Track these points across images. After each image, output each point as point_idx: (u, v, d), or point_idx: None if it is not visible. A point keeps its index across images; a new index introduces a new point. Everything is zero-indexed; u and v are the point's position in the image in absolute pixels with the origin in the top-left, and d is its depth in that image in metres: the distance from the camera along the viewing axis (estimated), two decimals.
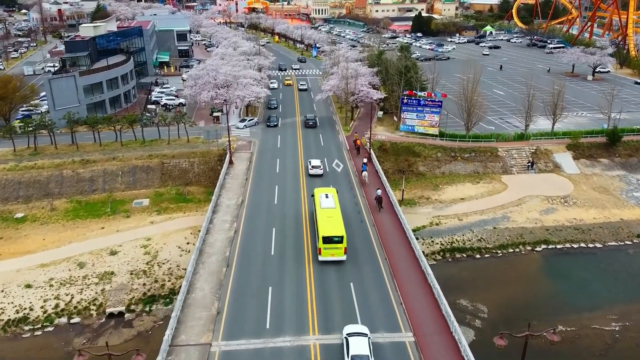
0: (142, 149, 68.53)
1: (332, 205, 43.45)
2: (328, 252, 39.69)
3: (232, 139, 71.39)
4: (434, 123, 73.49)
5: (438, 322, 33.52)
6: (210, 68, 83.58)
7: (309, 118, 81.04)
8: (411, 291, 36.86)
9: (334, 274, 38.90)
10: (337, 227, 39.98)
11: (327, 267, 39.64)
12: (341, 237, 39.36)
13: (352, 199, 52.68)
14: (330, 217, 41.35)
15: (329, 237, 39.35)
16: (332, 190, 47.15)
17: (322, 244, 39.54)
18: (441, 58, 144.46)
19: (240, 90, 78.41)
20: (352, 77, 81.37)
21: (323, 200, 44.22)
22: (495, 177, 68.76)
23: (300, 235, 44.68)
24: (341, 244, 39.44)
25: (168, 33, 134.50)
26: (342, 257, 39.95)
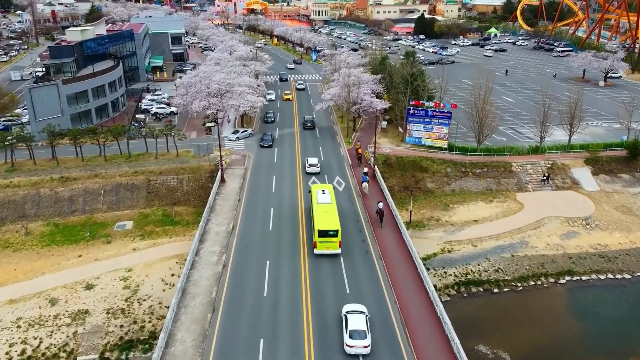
0: (127, 165, 63.28)
1: (328, 200, 44.93)
2: (323, 246, 41.05)
3: (225, 153, 66.26)
4: (443, 135, 68.27)
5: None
6: (203, 75, 78.33)
7: (307, 119, 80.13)
8: (425, 343, 31.65)
9: (334, 323, 33.61)
10: (332, 222, 41.37)
11: (326, 313, 34.37)
12: (336, 231, 40.71)
13: (358, 236, 47.02)
14: (327, 212, 42.71)
15: (325, 230, 40.67)
16: (328, 187, 48.71)
17: (317, 238, 40.88)
18: (445, 62, 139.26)
19: (235, 99, 73.25)
20: (354, 85, 76.25)
21: (320, 195, 45.85)
22: (509, 194, 63.54)
23: (298, 274, 39.35)
24: (336, 237, 40.81)
25: (162, 36, 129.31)
26: (337, 251, 41.22)
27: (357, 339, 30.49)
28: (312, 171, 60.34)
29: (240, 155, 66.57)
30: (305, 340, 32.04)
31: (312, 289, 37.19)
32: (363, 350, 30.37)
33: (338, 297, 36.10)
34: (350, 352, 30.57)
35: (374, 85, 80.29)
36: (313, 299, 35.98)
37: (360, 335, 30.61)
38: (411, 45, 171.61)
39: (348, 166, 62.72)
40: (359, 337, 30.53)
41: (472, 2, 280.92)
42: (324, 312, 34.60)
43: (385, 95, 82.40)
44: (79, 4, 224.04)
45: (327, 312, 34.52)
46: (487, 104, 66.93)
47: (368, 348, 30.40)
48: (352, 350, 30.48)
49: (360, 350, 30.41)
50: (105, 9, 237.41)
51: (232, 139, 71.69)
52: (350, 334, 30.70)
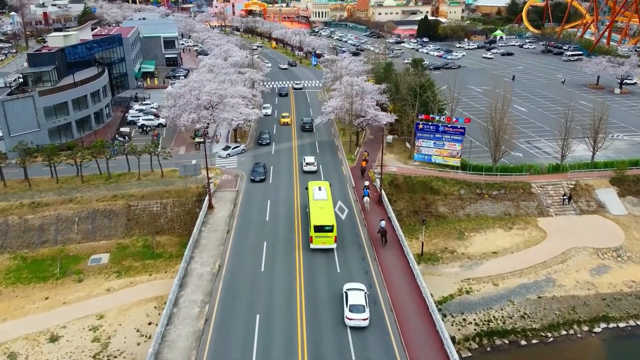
0: (106, 187, 57.08)
1: (324, 197, 46.12)
2: (319, 240, 42.22)
3: (215, 172, 60.10)
4: (456, 153, 62.07)
5: None
6: (193, 85, 72.10)
7: (306, 122, 78.39)
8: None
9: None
10: (328, 217, 42.62)
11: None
12: (332, 226, 41.96)
13: (364, 275, 40.96)
14: (322, 208, 43.91)
15: (321, 225, 41.94)
16: (325, 184, 49.76)
17: (313, 233, 42.05)
18: (451, 66, 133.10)
19: (227, 111, 67.09)
20: (357, 96, 70.12)
21: (316, 192, 47.02)
22: (530, 220, 57.35)
23: (293, 333, 33.14)
24: (331, 232, 41.95)
25: (154, 40, 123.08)
26: (332, 245, 42.38)
27: (356, 312, 32.90)
28: (309, 170, 60.49)
29: (232, 175, 60.34)
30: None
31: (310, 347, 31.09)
32: (362, 322, 33.02)
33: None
34: (350, 324, 33.18)
35: (378, 96, 74.12)
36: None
37: (359, 310, 33.02)
38: (414, 49, 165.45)
39: (351, 188, 56.46)
40: (358, 311, 32.94)
41: (476, 3, 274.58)
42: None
43: (390, 105, 76.26)
44: (72, 6, 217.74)
45: None
46: (504, 117, 60.58)
47: (366, 321, 33.00)
48: (351, 322, 33.11)
49: (359, 323, 33.04)
50: (100, 10, 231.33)
51: (222, 156, 65.41)
52: (350, 308, 33.17)
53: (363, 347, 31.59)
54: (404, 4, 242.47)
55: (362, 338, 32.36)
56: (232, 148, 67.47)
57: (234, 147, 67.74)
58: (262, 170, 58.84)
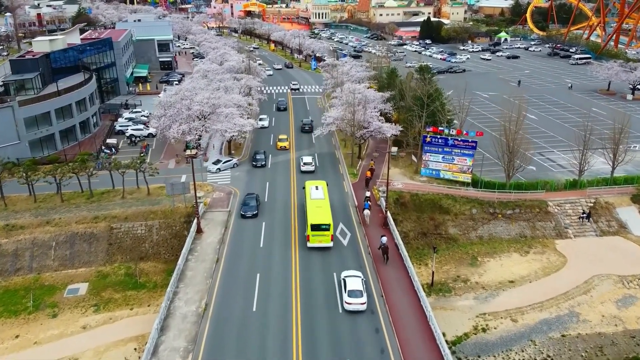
0: (87, 207, 52.56)
1: (321, 196, 46.64)
2: (316, 239, 42.68)
3: (206, 190, 55.60)
4: (466, 168, 57.55)
5: None
6: (184, 94, 67.56)
7: (306, 122, 77.81)
8: None
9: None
10: (325, 216, 43.12)
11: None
12: (328, 225, 42.43)
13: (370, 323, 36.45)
14: (319, 207, 44.44)
15: (317, 224, 42.42)
16: (322, 183, 50.13)
17: (310, 232, 42.52)
18: (456, 70, 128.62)
19: (221, 122, 62.62)
20: (359, 104, 65.70)
21: (313, 191, 47.57)
22: (547, 243, 52.88)
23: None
24: (328, 231, 42.42)
25: (148, 43, 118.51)
26: (329, 244, 42.91)
27: (354, 297, 34.86)
28: (307, 169, 60.53)
29: (225, 192, 55.81)
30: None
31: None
32: (360, 307, 34.91)
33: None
34: (349, 308, 35.00)
35: (382, 105, 69.61)
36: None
37: (357, 295, 34.97)
38: (417, 51, 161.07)
39: (354, 209, 51.90)
40: (356, 296, 34.88)
41: (478, 4, 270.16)
42: None
43: (394, 114, 71.72)
44: (66, 7, 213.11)
45: None
46: (519, 129, 56.00)
47: (364, 305, 34.96)
48: (350, 307, 34.97)
49: (357, 307, 34.88)
50: (95, 11, 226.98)
51: (212, 171, 60.73)
52: (349, 293, 35.10)
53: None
54: (405, 4, 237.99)
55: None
56: (223, 162, 62.71)
57: (225, 161, 62.96)
58: (254, 203, 50.36)
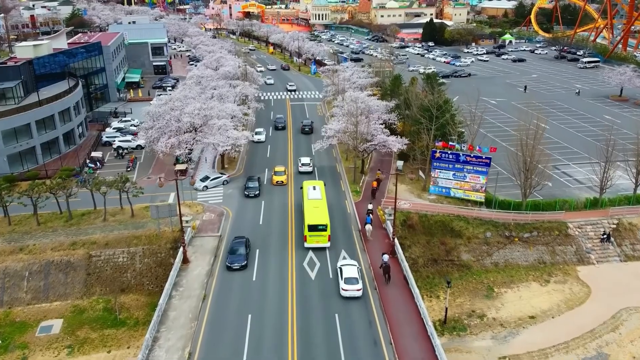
0: (65, 231, 47.99)
1: (318, 196, 46.86)
2: (313, 239, 42.88)
3: (195, 210, 51.04)
4: (479, 187, 52.94)
5: None
6: (174, 104, 62.97)
7: (306, 124, 77.03)
8: None
9: None
10: (322, 217, 43.31)
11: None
12: (325, 225, 42.65)
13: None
14: (317, 207, 44.64)
15: (314, 225, 42.62)
16: (319, 183, 50.50)
17: (307, 232, 42.69)
18: (461, 74, 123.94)
19: (213, 134, 58.08)
20: (362, 114, 61.30)
21: (310, 192, 47.82)
22: (569, 270, 48.36)
23: None
24: (325, 231, 42.58)
25: (141, 46, 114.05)
26: (326, 244, 43.06)
27: (350, 284, 36.76)
28: (305, 170, 60.25)
29: (216, 213, 51.19)
30: None
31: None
32: (356, 293, 36.63)
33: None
34: (345, 295, 36.65)
35: (386, 115, 65.05)
36: None
37: (353, 282, 36.89)
38: (420, 54, 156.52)
39: (357, 233, 47.26)
40: (352, 283, 36.82)
41: (481, 5, 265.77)
42: None
43: (399, 124, 67.12)
44: (61, 8, 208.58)
45: None
46: (538, 144, 51.35)
47: (360, 291, 36.62)
48: (347, 293, 36.67)
49: (353, 293, 36.63)
50: (91, 13, 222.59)
51: (199, 188, 55.59)
52: (345, 280, 37.01)
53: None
54: (407, 5, 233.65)
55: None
56: (212, 179, 57.57)
57: (213, 178, 57.75)
58: (243, 254, 41.46)
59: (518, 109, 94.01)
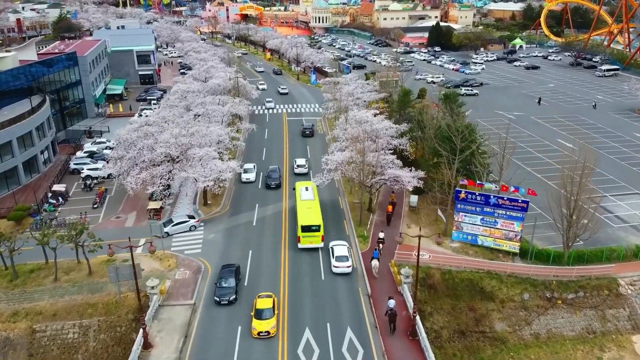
0: (6, 295, 38.80)
1: (311, 197, 47.52)
2: (307, 240, 43.36)
3: (167, 265, 41.94)
4: (513, 235, 43.73)
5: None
6: (148, 129, 53.81)
7: (306, 127, 75.48)
8: None
9: None
10: (315, 217, 43.91)
11: None
12: (318, 226, 43.20)
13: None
14: (310, 208, 45.18)
15: (308, 226, 43.19)
16: (311, 184, 50.80)
17: (301, 233, 43.20)
18: (472, 84, 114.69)
19: (193, 166, 48.99)
20: (368, 138, 52.39)
21: (303, 192, 48.39)
22: (623, 341, 39.48)
23: None
24: (318, 232, 43.15)
25: (126, 54, 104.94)
26: (320, 244, 43.52)
27: (341, 262, 40.43)
28: (300, 172, 59.86)
29: (192, 269, 41.97)
30: None
31: None
32: (346, 269, 40.35)
33: None
34: (336, 271, 40.29)
35: (397, 140, 55.95)
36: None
37: (344, 260, 40.56)
38: (426, 60, 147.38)
39: (366, 299, 38.03)
40: (342, 261, 40.47)
41: (487, 7, 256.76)
42: None
43: (411, 146, 57.54)
44: (49, 11, 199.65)
45: None
46: (586, 183, 42.23)
47: (350, 268, 40.40)
48: (338, 269, 40.29)
49: (344, 270, 40.30)
50: (82, 16, 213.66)
51: (158, 235, 44.28)
52: (337, 258, 40.64)
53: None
54: (410, 8, 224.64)
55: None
56: (175, 223, 46.95)
57: (178, 222, 47.15)
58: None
59: (539, 126, 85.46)
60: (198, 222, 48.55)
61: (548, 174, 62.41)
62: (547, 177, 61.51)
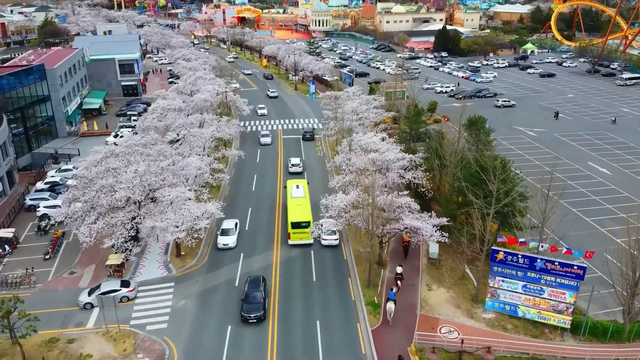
0: None
1: (301, 194, 48.19)
2: (297, 237, 44.43)
3: (122, 347, 32.64)
4: (564, 308, 34.30)
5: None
6: (109, 163, 44.36)
7: (307, 130, 75.18)
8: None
9: None
10: (304, 214, 44.87)
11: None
12: (308, 222, 43.94)
13: None
14: (300, 205, 46.14)
15: (298, 222, 44.11)
16: (302, 182, 51.59)
17: (291, 229, 44.21)
18: (485, 94, 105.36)
19: (162, 212, 39.66)
20: (378, 171, 43.27)
21: (294, 190, 48.97)
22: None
23: None
24: (308, 228, 43.54)
25: (106, 64, 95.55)
26: (310, 241, 44.53)
27: (328, 235, 44.45)
28: (295, 171, 60.33)
29: (153, 355, 32.53)
30: None
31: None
32: (334, 242, 44.56)
33: None
34: (324, 243, 44.40)
35: (410, 173, 46.66)
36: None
37: (330, 234, 44.46)
38: (433, 67, 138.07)
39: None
40: (329, 235, 44.46)
41: (494, 9, 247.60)
42: None
43: (426, 178, 47.97)
44: (37, 14, 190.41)
45: None
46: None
47: (337, 240, 44.60)
48: (326, 242, 44.45)
49: (331, 242, 44.53)
50: (71, 19, 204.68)
51: (80, 305, 36.02)
52: (325, 232, 44.07)
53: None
54: (414, 10, 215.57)
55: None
56: (102, 292, 36.20)
57: (105, 291, 36.53)
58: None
59: (565, 145, 76.13)
60: (133, 291, 37.76)
61: (582, 208, 53.39)
62: (581, 211, 52.49)
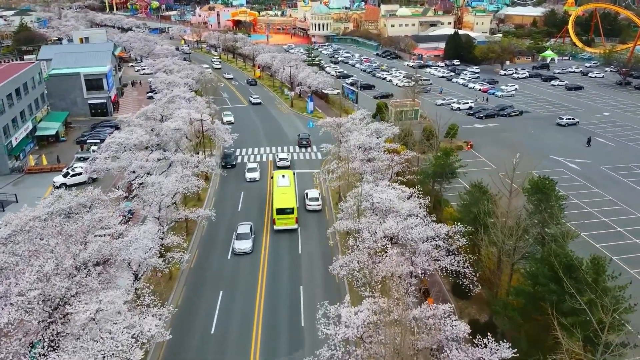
0: None
1: (287, 184, 50.87)
2: (282, 222, 46.56)
3: None
4: None
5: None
6: (18, 244, 30.66)
7: (303, 137, 72.00)
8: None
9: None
10: (289, 201, 47.11)
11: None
12: (292, 208, 46.41)
13: None
14: (285, 193, 48.49)
15: (282, 209, 46.36)
16: (289, 172, 54.73)
17: (276, 215, 46.40)
18: (510, 112, 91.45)
19: (74, 339, 25.80)
20: (400, 252, 29.56)
21: (280, 180, 51.61)
22: None
23: None
24: (292, 214, 46.41)
25: (70, 79, 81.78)
26: (294, 226, 46.98)
27: (313, 202, 51.26)
28: (282, 165, 62.87)
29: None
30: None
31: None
32: (317, 207, 50.98)
33: None
34: (309, 209, 50.73)
35: (448, 259, 32.89)
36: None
37: (314, 200, 51.47)
38: (446, 77, 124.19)
39: None
40: (313, 201, 51.35)
41: (505, 12, 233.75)
42: None
43: (468, 261, 34.31)
44: (15, 19, 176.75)
45: None
46: None
47: (320, 206, 51.03)
48: (310, 207, 50.81)
49: (315, 207, 50.90)
50: (53, 23, 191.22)
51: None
52: (310, 199, 51.52)
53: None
54: (420, 13, 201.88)
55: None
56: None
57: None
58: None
59: (616, 183, 62.24)
60: None
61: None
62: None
